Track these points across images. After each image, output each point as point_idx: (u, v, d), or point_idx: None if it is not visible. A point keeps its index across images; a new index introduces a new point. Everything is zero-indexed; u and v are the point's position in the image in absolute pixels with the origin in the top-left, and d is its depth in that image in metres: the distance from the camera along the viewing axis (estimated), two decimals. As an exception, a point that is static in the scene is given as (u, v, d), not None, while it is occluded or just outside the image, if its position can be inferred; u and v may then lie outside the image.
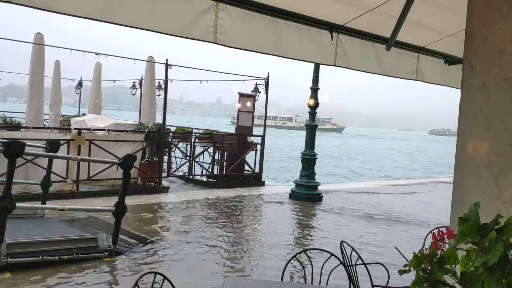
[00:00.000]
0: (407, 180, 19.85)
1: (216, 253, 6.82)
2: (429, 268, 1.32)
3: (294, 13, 3.63)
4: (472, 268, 1.29)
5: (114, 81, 18.63)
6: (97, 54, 12.61)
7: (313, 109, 11.81)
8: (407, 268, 1.35)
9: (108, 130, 10.91)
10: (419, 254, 1.34)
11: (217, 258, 6.58)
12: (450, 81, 4.98)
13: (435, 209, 11.60)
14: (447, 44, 4.41)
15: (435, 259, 1.32)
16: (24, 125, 10.78)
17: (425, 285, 1.31)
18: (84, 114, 15.38)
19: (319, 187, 11.84)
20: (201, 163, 13.90)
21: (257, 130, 14.56)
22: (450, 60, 4.81)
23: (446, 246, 1.36)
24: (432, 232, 1.57)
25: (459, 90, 2.54)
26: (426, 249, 1.39)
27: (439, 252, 1.35)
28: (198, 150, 13.88)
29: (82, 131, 10.42)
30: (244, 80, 14.24)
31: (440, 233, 1.36)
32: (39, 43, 10.77)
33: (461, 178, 2.47)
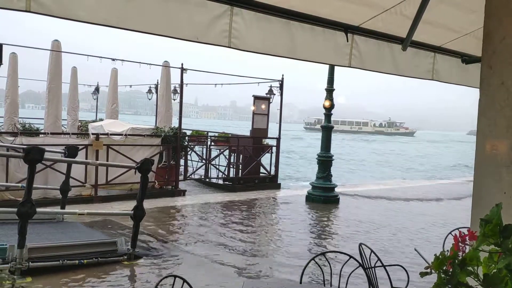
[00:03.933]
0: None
1: (234, 256, 6.83)
2: (451, 270, 1.31)
3: (308, 15, 3.63)
4: (495, 270, 1.27)
5: (131, 86, 18.77)
6: (113, 59, 12.74)
7: (328, 110, 11.75)
8: (428, 270, 1.34)
9: (125, 135, 11.02)
10: (440, 256, 1.33)
11: (235, 261, 6.59)
12: (468, 81, 4.91)
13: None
14: (464, 43, 4.36)
15: (457, 261, 1.31)
16: (42, 131, 10.93)
17: (447, 287, 1.30)
18: (101, 119, 15.55)
19: (336, 189, 11.76)
20: (217, 166, 13.96)
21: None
22: (467, 59, 4.75)
23: (467, 247, 1.34)
24: (453, 233, 1.55)
25: (477, 89, 2.51)
26: (447, 251, 1.37)
27: (460, 253, 1.33)
28: (214, 153, 13.94)
29: (100, 136, 10.54)
30: (258, 83, 14.25)
31: (462, 234, 1.35)
32: (56, 50, 10.93)
33: (481, 178, 2.44)
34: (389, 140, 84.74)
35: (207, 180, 13.60)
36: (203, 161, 13.84)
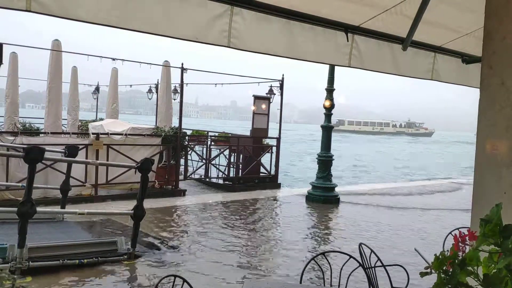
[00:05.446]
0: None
1: (234, 255, 6.83)
2: (451, 270, 1.31)
3: (309, 15, 3.63)
4: (495, 270, 1.27)
5: (131, 85, 18.77)
6: (113, 59, 12.74)
7: (328, 110, 11.73)
8: (428, 270, 1.34)
9: (125, 135, 11.02)
10: (440, 256, 1.33)
11: (235, 261, 6.59)
12: (468, 81, 4.91)
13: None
14: (464, 43, 4.36)
15: (457, 261, 1.31)
16: (43, 131, 10.93)
17: (447, 287, 1.30)
18: (101, 119, 15.55)
19: (336, 189, 11.75)
20: (217, 166, 13.96)
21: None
22: (467, 59, 4.75)
23: (467, 247, 1.34)
24: (453, 233, 1.55)
25: (477, 89, 2.52)
26: (447, 250, 1.37)
27: (460, 253, 1.33)
28: (214, 153, 13.94)
29: (100, 135, 10.55)
30: (259, 83, 14.24)
31: (462, 234, 1.35)
32: (56, 49, 10.93)
33: (481, 178, 2.44)
34: (416, 141, 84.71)
35: (207, 180, 13.60)
36: (203, 161, 13.84)
